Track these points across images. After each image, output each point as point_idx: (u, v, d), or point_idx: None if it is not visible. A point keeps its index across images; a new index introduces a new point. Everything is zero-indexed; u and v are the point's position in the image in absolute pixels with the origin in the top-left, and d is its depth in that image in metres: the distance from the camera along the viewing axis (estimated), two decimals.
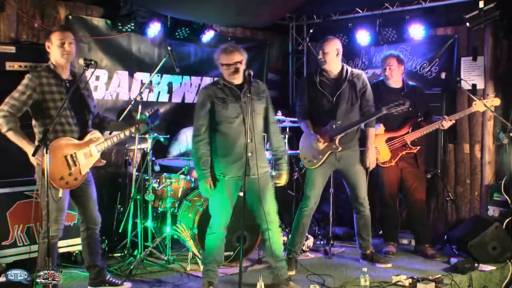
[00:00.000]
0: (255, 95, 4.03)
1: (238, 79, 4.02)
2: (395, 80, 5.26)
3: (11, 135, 3.80)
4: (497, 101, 5.05)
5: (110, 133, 4.37)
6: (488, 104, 5.00)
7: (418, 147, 5.19)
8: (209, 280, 4.13)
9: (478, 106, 5.03)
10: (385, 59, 5.29)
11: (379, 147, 5.15)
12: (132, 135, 4.37)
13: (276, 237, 4.19)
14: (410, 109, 5.05)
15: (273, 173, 4.34)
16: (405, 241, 5.72)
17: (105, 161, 4.17)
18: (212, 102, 4.01)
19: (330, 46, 4.70)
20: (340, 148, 4.71)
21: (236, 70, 3.96)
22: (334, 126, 4.70)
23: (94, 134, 4.06)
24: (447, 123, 5.06)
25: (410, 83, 5.40)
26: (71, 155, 3.90)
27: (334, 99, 4.71)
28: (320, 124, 4.76)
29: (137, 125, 4.18)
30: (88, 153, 4.00)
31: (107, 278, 4.24)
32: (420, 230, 5.41)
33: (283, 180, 4.24)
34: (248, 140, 3.80)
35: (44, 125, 3.83)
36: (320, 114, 4.78)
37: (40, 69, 3.96)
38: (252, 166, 3.93)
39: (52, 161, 3.69)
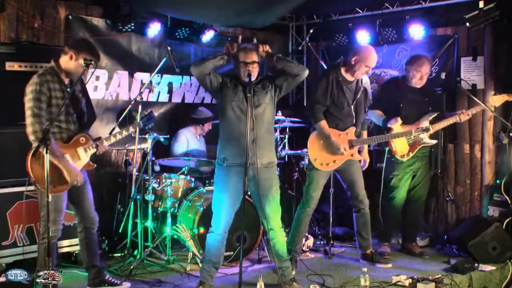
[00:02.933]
0: (261, 89, 4.07)
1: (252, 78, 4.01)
2: (420, 84, 5.22)
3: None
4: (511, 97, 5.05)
5: (110, 133, 4.37)
6: (503, 99, 5.01)
7: (435, 141, 5.18)
8: (201, 280, 4.13)
9: (496, 100, 5.03)
10: (425, 64, 5.12)
11: (397, 141, 5.11)
12: (132, 134, 4.40)
13: (279, 237, 4.20)
14: (431, 108, 5.06)
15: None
16: (392, 240, 5.61)
17: (95, 165, 4.13)
18: (225, 82, 4.07)
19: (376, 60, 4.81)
20: (360, 158, 4.83)
21: (252, 69, 3.98)
22: (354, 134, 4.77)
23: (82, 137, 4.02)
24: (464, 117, 5.05)
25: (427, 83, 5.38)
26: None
27: (353, 104, 4.76)
28: (335, 127, 4.74)
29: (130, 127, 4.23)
30: (76, 156, 3.98)
31: (106, 278, 4.24)
32: (410, 228, 5.44)
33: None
34: (249, 129, 3.81)
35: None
36: (338, 117, 4.75)
37: (45, 72, 3.90)
38: (252, 155, 3.92)
39: (37, 165, 3.71)
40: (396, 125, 5.05)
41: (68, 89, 3.94)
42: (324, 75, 4.54)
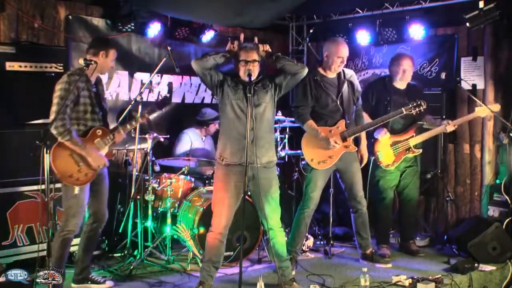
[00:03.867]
0: (261, 88, 4.09)
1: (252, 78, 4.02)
2: (405, 81, 5.24)
3: (70, 144, 3.93)
4: (496, 107, 5.08)
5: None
6: (487, 111, 5.04)
7: (420, 150, 5.21)
8: (201, 280, 4.13)
9: (480, 111, 5.05)
10: (406, 60, 5.18)
11: (383, 151, 5.16)
12: (132, 134, 4.48)
13: (279, 237, 4.20)
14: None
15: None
16: (392, 240, 5.64)
17: (115, 153, 4.25)
18: (225, 80, 4.08)
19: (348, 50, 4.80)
20: (356, 149, 4.81)
21: (252, 68, 4.00)
22: (344, 126, 4.75)
23: (98, 129, 4.14)
24: (450, 128, 5.07)
25: (411, 82, 5.40)
26: (77, 152, 3.98)
27: (338, 99, 4.75)
28: (325, 124, 4.76)
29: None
30: (95, 148, 4.07)
31: (90, 276, 4.29)
32: (408, 227, 5.46)
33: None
34: (249, 128, 3.83)
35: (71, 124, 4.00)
36: (325, 114, 4.76)
37: (74, 72, 4.05)
38: (251, 154, 3.93)
39: (59, 161, 3.87)
40: (385, 137, 5.10)
41: (94, 89, 4.12)
42: (301, 82, 4.57)
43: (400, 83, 5.24)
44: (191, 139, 5.90)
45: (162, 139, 5.16)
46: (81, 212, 4.05)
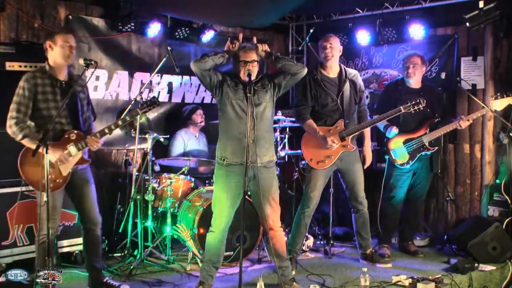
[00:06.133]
0: (261, 88, 4.09)
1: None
2: (417, 79, 5.24)
3: (26, 142, 3.83)
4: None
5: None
6: (504, 102, 5.00)
7: (436, 148, 5.20)
8: (201, 280, 4.14)
9: (496, 105, 5.03)
10: (409, 57, 5.25)
11: (397, 149, 5.16)
12: (133, 134, 4.41)
13: (279, 237, 4.20)
14: (428, 110, 5.06)
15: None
16: (392, 240, 5.61)
17: (90, 160, 4.07)
18: (225, 80, 4.06)
19: (337, 41, 4.80)
20: (354, 148, 4.79)
21: (252, 69, 3.99)
22: (343, 126, 4.75)
23: (71, 133, 3.94)
24: (464, 123, 5.07)
25: (428, 83, 5.40)
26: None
27: (338, 98, 4.74)
28: (324, 123, 4.77)
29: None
30: (67, 153, 3.91)
31: (105, 280, 4.25)
32: (408, 228, 5.47)
33: None
34: (250, 128, 3.83)
35: (36, 125, 3.86)
36: (324, 113, 4.77)
37: (34, 71, 3.95)
38: (252, 154, 3.93)
39: (26, 167, 3.81)
40: (395, 134, 5.10)
41: (63, 85, 3.92)
42: (301, 81, 4.57)
43: (413, 83, 5.24)
44: (184, 140, 5.89)
45: (162, 139, 5.16)
46: (54, 216, 3.87)
